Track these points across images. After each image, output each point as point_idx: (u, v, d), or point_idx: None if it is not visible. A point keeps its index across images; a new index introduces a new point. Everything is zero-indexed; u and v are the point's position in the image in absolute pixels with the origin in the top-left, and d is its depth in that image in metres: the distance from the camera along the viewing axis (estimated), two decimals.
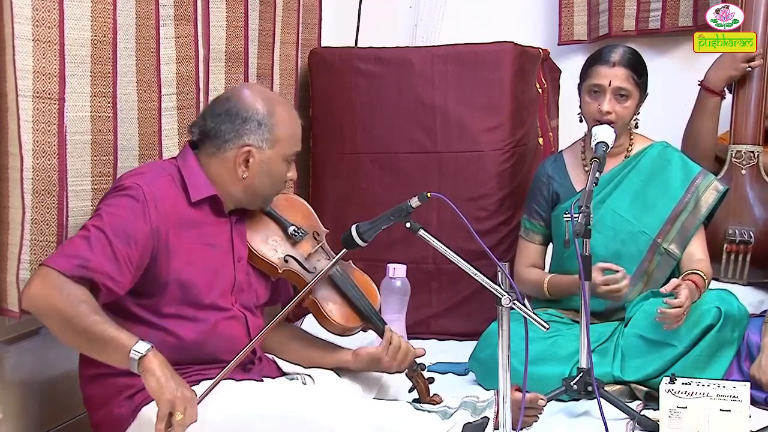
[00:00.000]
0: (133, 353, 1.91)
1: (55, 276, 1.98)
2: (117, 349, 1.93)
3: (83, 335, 1.96)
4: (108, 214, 2.08)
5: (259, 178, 2.25)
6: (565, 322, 2.96)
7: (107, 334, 1.95)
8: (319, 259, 2.40)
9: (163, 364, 1.92)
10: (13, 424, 2.35)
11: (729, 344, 2.75)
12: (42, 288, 1.98)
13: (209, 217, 2.24)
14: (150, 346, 1.93)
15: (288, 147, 2.28)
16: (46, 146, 2.20)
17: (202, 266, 2.20)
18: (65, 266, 1.99)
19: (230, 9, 2.96)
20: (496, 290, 2.03)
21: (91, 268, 2.01)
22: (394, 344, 2.36)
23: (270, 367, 2.35)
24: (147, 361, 1.91)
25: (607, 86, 2.91)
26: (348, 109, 3.59)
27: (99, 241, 2.03)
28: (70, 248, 2.03)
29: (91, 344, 1.98)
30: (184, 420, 1.88)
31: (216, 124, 2.24)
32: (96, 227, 2.05)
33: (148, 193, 2.12)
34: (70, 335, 1.99)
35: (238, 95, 2.27)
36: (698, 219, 2.96)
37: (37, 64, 2.16)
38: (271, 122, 2.23)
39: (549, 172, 3.13)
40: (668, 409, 2.35)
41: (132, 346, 1.92)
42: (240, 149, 2.22)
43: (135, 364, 1.91)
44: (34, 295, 1.99)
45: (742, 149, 3.25)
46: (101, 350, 1.98)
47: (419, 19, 4.03)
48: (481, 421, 2.14)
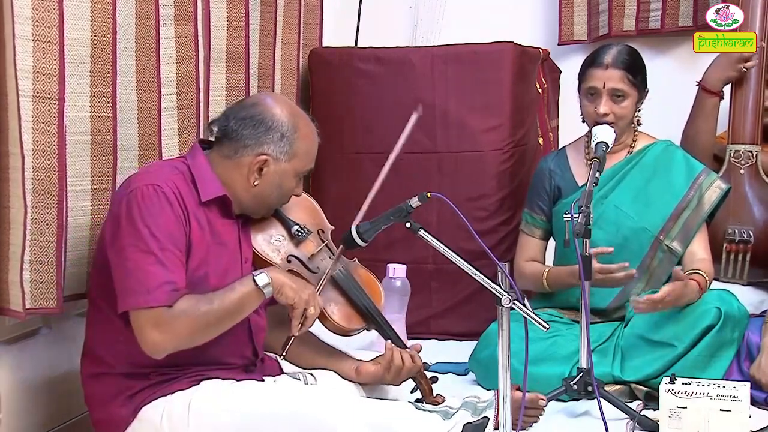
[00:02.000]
0: (264, 287, 2.09)
1: (163, 314, 2.00)
2: (250, 297, 2.09)
3: (223, 318, 2.08)
4: (155, 227, 2.05)
5: (269, 188, 2.24)
6: (565, 322, 2.97)
7: (235, 298, 2.08)
8: (323, 259, 2.39)
9: (285, 273, 2.15)
10: (13, 424, 2.35)
11: (729, 344, 2.75)
12: (162, 333, 2.01)
13: (218, 217, 2.23)
14: (263, 272, 2.10)
15: (303, 163, 2.28)
16: (46, 146, 2.20)
17: (215, 265, 2.19)
18: (163, 299, 2.01)
19: (231, 9, 2.96)
20: (496, 290, 2.03)
21: (180, 287, 2.04)
22: (395, 364, 2.35)
23: (272, 366, 2.35)
24: (276, 281, 2.10)
25: (602, 88, 2.91)
26: (348, 109, 3.59)
27: (169, 259, 2.04)
28: (153, 279, 2.01)
29: (232, 317, 2.10)
30: (315, 313, 2.14)
31: (239, 127, 2.22)
32: (159, 248, 2.03)
33: (169, 192, 2.10)
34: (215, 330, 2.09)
35: (265, 103, 2.26)
36: (701, 217, 2.96)
37: (37, 64, 2.16)
38: (293, 136, 2.23)
39: (551, 166, 3.13)
40: (668, 409, 2.35)
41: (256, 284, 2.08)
42: (257, 157, 2.21)
43: (270, 290, 2.10)
44: (160, 343, 2.02)
45: (741, 149, 3.25)
46: (241, 311, 2.11)
47: (419, 19, 4.04)
48: (481, 421, 2.14)
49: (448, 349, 3.29)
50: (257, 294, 2.09)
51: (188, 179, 2.19)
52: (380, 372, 2.36)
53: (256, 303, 2.12)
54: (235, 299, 2.07)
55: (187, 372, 2.13)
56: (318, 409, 2.05)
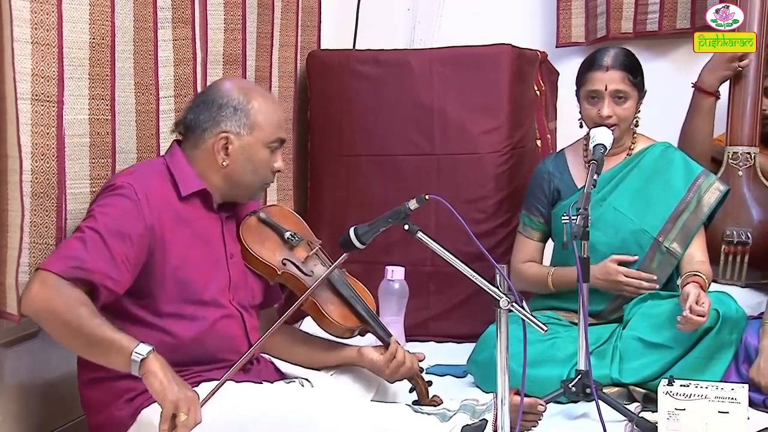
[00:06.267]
0: (134, 356, 1.91)
1: (53, 279, 1.98)
2: (118, 352, 1.93)
3: (83, 338, 1.96)
4: (101, 214, 2.08)
5: (241, 165, 2.25)
6: (563, 324, 2.97)
7: (108, 337, 1.95)
8: (315, 264, 2.40)
9: (164, 366, 1.93)
10: (11, 427, 2.35)
11: (727, 346, 2.75)
12: (40, 292, 1.97)
13: (200, 212, 2.24)
14: (151, 349, 1.93)
15: (268, 133, 2.26)
16: (45, 149, 2.20)
17: (198, 262, 2.20)
18: (62, 268, 1.99)
19: (228, 12, 2.96)
20: (495, 292, 2.03)
21: (88, 269, 2.00)
22: (398, 359, 2.36)
23: (268, 369, 2.35)
24: (149, 364, 1.91)
25: (604, 91, 2.91)
26: (346, 112, 3.59)
27: (94, 242, 2.03)
28: (66, 250, 2.03)
29: (92, 347, 1.98)
30: (188, 421, 1.88)
31: (195, 114, 2.26)
32: (90, 228, 2.05)
33: (140, 190, 2.12)
34: (70, 338, 1.99)
35: (214, 85, 2.31)
36: (700, 218, 2.96)
37: (36, 66, 2.16)
38: (247, 107, 2.24)
39: (550, 168, 3.13)
40: (666, 411, 2.35)
41: (133, 348, 1.92)
42: (218, 136, 2.23)
43: (137, 366, 1.91)
44: (33, 299, 1.98)
45: (739, 150, 3.25)
46: (101, 353, 1.97)
47: (417, 21, 4.04)
48: (480, 424, 2.14)
49: (446, 352, 3.29)
50: (126, 357, 1.91)
51: (167, 177, 2.22)
52: (381, 361, 2.36)
53: (120, 363, 1.93)
54: (106, 337, 1.94)
55: (185, 374, 2.12)
56: (316, 412, 2.05)
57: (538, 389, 2.54)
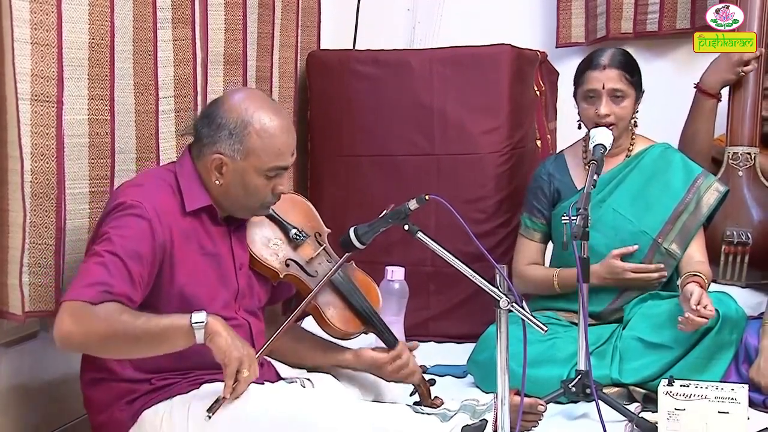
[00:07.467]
0: (196, 326, 1.93)
1: (83, 308, 1.94)
2: (178, 332, 1.94)
3: (142, 339, 1.95)
4: (118, 237, 2.03)
5: (234, 188, 2.18)
6: (563, 324, 2.96)
7: (162, 325, 1.95)
8: (321, 263, 2.38)
9: (225, 324, 1.96)
10: (11, 427, 2.35)
11: (727, 346, 2.75)
12: (75, 324, 1.93)
13: (208, 225, 2.21)
14: (204, 313, 1.95)
15: (264, 161, 2.14)
16: (45, 149, 2.20)
17: (205, 278, 2.17)
18: (91, 295, 1.95)
19: (228, 12, 2.97)
20: (495, 292, 2.03)
21: (115, 293, 1.97)
22: (402, 360, 2.36)
23: (269, 372, 2.35)
24: (211, 326, 1.93)
25: (601, 90, 2.91)
26: (346, 112, 3.59)
27: (115, 265, 1.99)
28: (90, 277, 1.98)
29: (153, 342, 1.97)
30: (250, 376, 1.97)
31: (200, 126, 2.19)
32: (109, 252, 2.01)
33: (151, 209, 2.08)
34: (128, 347, 1.98)
35: (224, 98, 2.21)
36: (699, 219, 2.96)
37: (36, 67, 2.16)
38: (242, 133, 2.12)
39: (550, 170, 3.13)
40: (666, 411, 2.35)
41: (190, 321, 1.93)
42: (212, 155, 2.16)
43: (202, 333, 1.93)
44: (71, 333, 1.93)
45: (739, 151, 3.25)
46: (164, 342, 1.97)
47: (417, 21, 4.04)
48: (480, 424, 2.14)
49: (446, 352, 3.29)
50: (187, 330, 1.94)
51: (175, 190, 2.17)
52: (382, 360, 2.35)
53: (183, 340, 1.95)
54: (161, 325, 1.95)
55: (188, 376, 2.12)
56: (317, 412, 2.05)
57: (538, 389, 2.54)
